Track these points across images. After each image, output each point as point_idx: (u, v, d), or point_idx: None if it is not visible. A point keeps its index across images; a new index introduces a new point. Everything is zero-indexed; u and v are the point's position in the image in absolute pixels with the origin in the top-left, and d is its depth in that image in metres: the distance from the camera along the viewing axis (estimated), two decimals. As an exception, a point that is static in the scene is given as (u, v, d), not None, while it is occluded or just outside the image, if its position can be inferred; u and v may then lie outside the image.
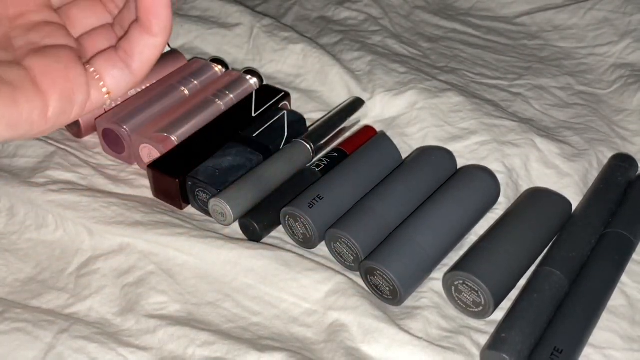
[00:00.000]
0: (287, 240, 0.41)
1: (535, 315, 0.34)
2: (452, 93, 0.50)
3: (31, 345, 0.34)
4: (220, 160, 0.42)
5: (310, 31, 0.61)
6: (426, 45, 0.60)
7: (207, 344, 0.34)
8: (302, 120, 0.47)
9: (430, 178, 0.41)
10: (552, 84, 0.55)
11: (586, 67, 0.58)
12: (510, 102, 0.52)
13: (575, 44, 0.60)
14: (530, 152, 0.46)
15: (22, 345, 0.34)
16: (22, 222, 0.41)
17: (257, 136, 0.44)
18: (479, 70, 0.57)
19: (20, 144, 0.45)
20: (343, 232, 0.38)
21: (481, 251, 0.37)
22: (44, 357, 0.33)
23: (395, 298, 0.37)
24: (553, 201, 0.40)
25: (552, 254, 0.38)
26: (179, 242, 0.39)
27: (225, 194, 0.40)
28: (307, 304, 0.37)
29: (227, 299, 0.37)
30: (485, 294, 0.35)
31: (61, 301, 0.37)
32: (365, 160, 0.42)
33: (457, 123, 0.48)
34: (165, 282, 0.38)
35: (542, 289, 0.36)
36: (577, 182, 0.44)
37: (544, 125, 0.50)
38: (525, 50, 0.60)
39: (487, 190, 0.41)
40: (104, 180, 0.44)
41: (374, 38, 0.59)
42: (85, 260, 0.39)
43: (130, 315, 0.36)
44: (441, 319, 0.36)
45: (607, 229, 0.40)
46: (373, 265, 0.36)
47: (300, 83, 0.54)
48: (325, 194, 0.40)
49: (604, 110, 0.53)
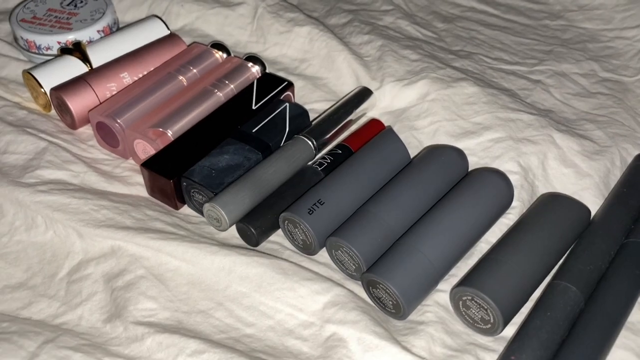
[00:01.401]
0: (287, 245, 0.39)
1: (547, 335, 0.32)
2: (467, 83, 0.47)
3: (14, 352, 0.32)
4: (217, 159, 0.40)
5: (318, 10, 0.58)
6: (441, 26, 0.57)
7: (197, 353, 0.33)
8: (304, 113, 0.44)
9: (439, 181, 0.39)
10: (575, 69, 0.52)
11: (612, 51, 0.54)
12: (529, 91, 0.49)
13: (602, 25, 0.57)
14: (548, 149, 0.43)
15: (4, 353, 0.32)
16: (12, 223, 0.39)
17: (257, 132, 0.42)
18: (496, 55, 0.53)
19: (11, 140, 0.43)
20: (344, 240, 0.36)
21: (492, 264, 0.34)
22: None
23: (398, 312, 0.35)
24: (570, 209, 0.37)
25: (567, 267, 0.35)
26: (172, 247, 0.37)
27: (221, 198, 0.38)
28: (303, 315, 0.35)
29: (220, 308, 0.35)
30: (494, 312, 0.33)
31: (52, 309, 0.36)
32: (371, 161, 0.40)
33: (471, 117, 0.45)
34: (156, 288, 0.36)
35: (556, 306, 0.33)
36: (597, 183, 0.41)
37: (564, 117, 0.47)
38: (546, 32, 0.57)
39: (500, 196, 0.38)
40: (96, 177, 0.42)
41: (385, 19, 0.56)
42: (77, 264, 0.37)
43: (119, 321, 0.35)
44: (446, 336, 0.34)
45: (627, 238, 0.37)
46: (375, 278, 0.34)
47: (305, 69, 0.52)
48: (327, 199, 0.37)
49: (629, 100, 0.49)
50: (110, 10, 0.52)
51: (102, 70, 0.46)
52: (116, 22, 0.53)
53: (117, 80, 0.46)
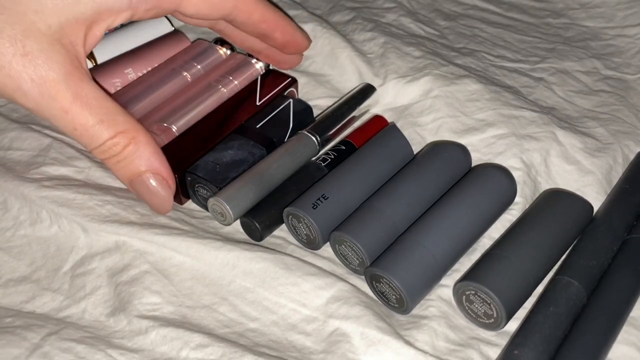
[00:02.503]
0: (290, 240, 0.39)
1: (550, 330, 0.32)
2: (470, 80, 0.47)
3: (17, 344, 0.33)
4: (221, 154, 0.40)
5: (321, 7, 0.58)
6: (444, 24, 0.57)
7: (201, 347, 0.33)
8: (308, 109, 0.44)
9: (442, 177, 0.39)
10: (577, 67, 0.52)
11: (614, 49, 0.54)
12: (532, 89, 0.49)
13: (604, 23, 0.57)
14: (550, 146, 0.43)
15: (8, 344, 0.33)
16: (16, 217, 0.39)
17: (261, 127, 0.42)
18: (499, 52, 0.53)
19: (16, 136, 0.43)
20: (348, 235, 0.36)
21: (495, 259, 0.35)
22: (28, 355, 0.32)
23: (402, 307, 0.35)
24: (573, 205, 0.38)
25: (570, 262, 0.35)
26: (176, 242, 0.37)
27: (225, 192, 0.38)
28: (307, 310, 0.35)
29: (224, 303, 0.36)
30: (497, 306, 0.33)
31: (55, 303, 0.36)
32: (374, 157, 0.40)
33: (474, 113, 0.45)
34: (160, 283, 0.36)
35: (559, 301, 0.33)
36: (599, 180, 0.41)
37: (567, 115, 0.47)
38: (549, 30, 0.57)
39: (503, 191, 0.38)
40: (101, 173, 0.42)
41: (388, 16, 0.56)
42: (81, 259, 0.38)
43: (122, 315, 0.35)
44: (449, 330, 0.34)
45: (630, 234, 0.37)
46: (379, 273, 0.34)
47: (308, 66, 0.52)
48: (331, 194, 0.37)
49: (631, 97, 0.49)
50: (114, 6, 0.52)
51: (107, 66, 0.47)
52: (120, 19, 0.53)
53: (122, 76, 0.46)
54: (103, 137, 0.35)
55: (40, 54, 0.33)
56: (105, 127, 0.35)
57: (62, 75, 0.34)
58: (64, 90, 0.34)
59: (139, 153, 0.36)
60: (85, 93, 0.34)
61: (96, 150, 0.36)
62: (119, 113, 0.36)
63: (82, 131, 0.35)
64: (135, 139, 0.35)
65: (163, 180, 0.37)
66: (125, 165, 0.36)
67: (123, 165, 0.36)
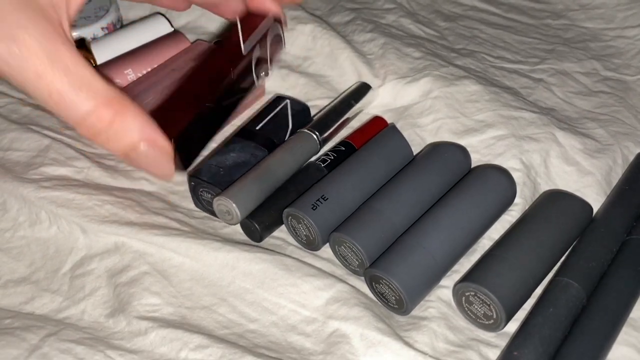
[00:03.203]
0: (290, 240, 0.39)
1: (550, 331, 0.32)
2: (469, 81, 0.47)
3: (16, 345, 0.33)
4: (223, 158, 0.40)
5: (321, 8, 0.58)
6: (443, 25, 0.57)
7: (201, 348, 0.33)
8: (306, 109, 0.44)
9: (442, 178, 0.39)
10: (577, 68, 0.52)
11: (614, 50, 0.54)
12: (531, 90, 0.49)
13: (603, 24, 0.57)
14: (550, 147, 0.43)
15: (7, 345, 0.33)
16: (15, 218, 0.39)
17: (261, 129, 0.42)
18: (498, 53, 0.53)
19: (15, 137, 0.43)
20: (347, 236, 0.36)
21: (494, 261, 0.35)
22: (27, 356, 0.32)
23: (401, 308, 0.35)
24: (572, 206, 0.38)
25: (570, 263, 0.35)
26: (175, 243, 0.37)
27: (231, 191, 0.38)
28: (306, 311, 0.35)
29: (223, 304, 0.36)
30: (497, 307, 0.33)
31: (55, 304, 0.36)
32: (374, 158, 0.40)
33: (474, 114, 0.45)
34: (159, 284, 0.36)
35: (558, 302, 0.33)
36: (599, 181, 0.41)
37: (566, 116, 0.47)
38: (548, 31, 0.57)
39: (503, 192, 0.38)
40: (100, 172, 0.42)
41: (388, 17, 0.56)
42: (80, 260, 0.37)
43: (122, 316, 0.35)
44: (449, 332, 0.34)
45: (630, 235, 0.37)
46: (378, 274, 0.34)
47: (308, 66, 0.52)
48: (330, 195, 0.37)
49: (631, 98, 0.49)
50: (114, 7, 0.52)
51: (106, 67, 0.47)
52: (120, 20, 0.53)
53: (121, 76, 0.46)
54: (83, 107, 0.31)
55: (13, 12, 0.30)
56: (84, 96, 0.30)
57: (37, 36, 0.30)
58: (37, 52, 0.30)
59: (128, 125, 0.32)
60: (61, 57, 0.30)
61: (81, 127, 0.32)
62: (100, 82, 0.31)
63: (57, 98, 0.31)
64: (121, 112, 0.32)
65: (159, 147, 0.33)
66: (116, 140, 0.33)
67: (114, 141, 0.33)
